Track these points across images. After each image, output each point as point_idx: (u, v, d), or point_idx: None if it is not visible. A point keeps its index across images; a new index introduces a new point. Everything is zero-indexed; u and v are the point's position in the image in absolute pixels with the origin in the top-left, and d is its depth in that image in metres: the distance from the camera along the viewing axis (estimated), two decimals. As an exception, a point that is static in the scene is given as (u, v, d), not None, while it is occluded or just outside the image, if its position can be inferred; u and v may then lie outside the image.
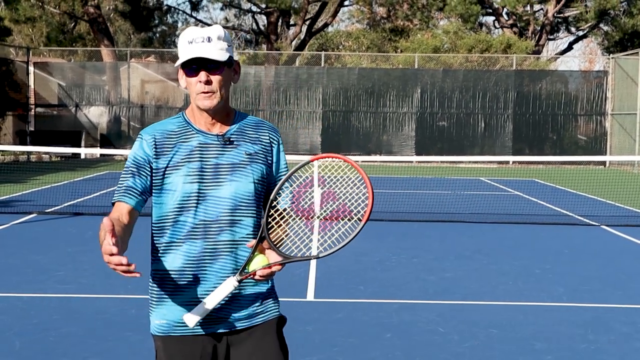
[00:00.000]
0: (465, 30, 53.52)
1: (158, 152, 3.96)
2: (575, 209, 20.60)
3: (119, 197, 3.98)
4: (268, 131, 4.19)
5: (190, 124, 4.05)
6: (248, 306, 4.07)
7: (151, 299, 4.12)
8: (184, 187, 3.93)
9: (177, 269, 3.99)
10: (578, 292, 11.11)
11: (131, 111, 42.10)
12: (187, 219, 3.95)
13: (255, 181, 4.04)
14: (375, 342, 8.37)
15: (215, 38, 3.92)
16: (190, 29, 3.97)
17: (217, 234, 3.96)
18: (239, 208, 4.00)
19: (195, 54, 3.88)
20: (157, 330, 4.07)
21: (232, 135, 4.06)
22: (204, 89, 3.93)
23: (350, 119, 41.48)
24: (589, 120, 41.93)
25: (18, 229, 16.07)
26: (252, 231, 4.04)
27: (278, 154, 4.20)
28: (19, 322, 8.95)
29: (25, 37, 64.95)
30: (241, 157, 4.02)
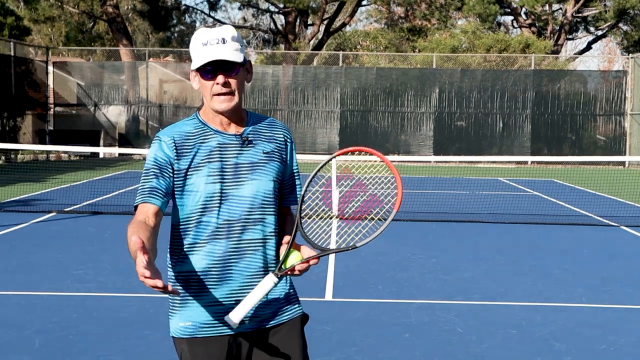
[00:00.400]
0: (484, 29, 53.43)
1: (179, 154, 3.95)
2: (594, 209, 20.53)
3: (142, 198, 3.94)
4: (281, 130, 4.21)
5: (207, 124, 4.04)
6: (274, 304, 4.10)
7: (173, 301, 4.10)
8: (207, 188, 3.93)
9: (202, 269, 3.99)
10: (597, 292, 11.06)
11: (149, 111, 42.20)
12: (211, 219, 3.95)
13: (274, 179, 4.07)
14: (393, 342, 8.36)
15: (229, 39, 3.91)
16: (202, 31, 3.95)
17: (241, 232, 3.97)
18: (261, 206, 4.01)
19: (213, 56, 3.87)
20: (182, 332, 4.05)
21: (249, 134, 4.07)
22: (221, 91, 3.92)
23: (368, 118, 41.46)
24: (608, 120, 41.79)
25: (37, 228, 16.12)
26: (274, 229, 4.07)
27: (291, 152, 4.23)
28: (38, 320, 8.98)
29: (44, 37, 65.24)
30: (259, 156, 4.04)
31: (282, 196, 4.21)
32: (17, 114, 38.91)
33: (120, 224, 16.83)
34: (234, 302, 3.96)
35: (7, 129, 37.88)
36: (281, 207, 4.20)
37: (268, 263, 4.03)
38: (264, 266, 4.01)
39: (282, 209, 4.22)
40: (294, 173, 4.25)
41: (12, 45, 38.74)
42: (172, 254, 4.11)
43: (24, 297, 10.17)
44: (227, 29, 3.95)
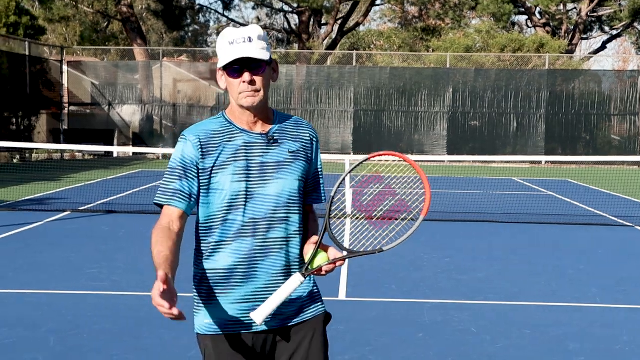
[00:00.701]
0: (498, 29, 53.32)
1: (204, 152, 3.97)
2: (608, 209, 20.49)
3: (167, 200, 4.00)
4: (307, 129, 4.24)
5: (233, 123, 4.06)
6: (297, 302, 4.13)
7: (198, 298, 4.14)
8: (232, 186, 3.96)
9: (228, 267, 4.02)
10: (612, 292, 11.04)
11: (163, 110, 42.27)
12: (237, 218, 3.98)
13: (300, 178, 4.10)
14: (407, 342, 8.36)
15: (255, 38, 3.93)
16: (229, 30, 3.98)
17: (267, 231, 4.00)
18: (287, 205, 4.04)
19: (239, 54, 3.89)
20: (207, 329, 4.09)
21: (274, 133, 4.09)
22: (248, 89, 3.95)
23: (381, 118, 41.45)
24: (622, 120, 41.68)
25: (52, 227, 16.17)
26: (299, 228, 4.10)
27: (316, 151, 4.26)
28: (53, 318, 9.02)
29: (59, 37, 65.42)
30: (285, 155, 4.07)
31: (307, 194, 4.25)
32: (32, 113, 39.07)
33: (134, 223, 16.88)
34: (259, 300, 4.00)
35: (22, 128, 38.04)
36: (304, 205, 4.23)
37: (291, 262, 4.07)
38: (287, 265, 4.05)
39: (305, 206, 4.25)
40: (318, 172, 4.29)
41: (27, 45, 38.90)
42: (197, 252, 4.15)
43: (39, 296, 10.21)
44: (253, 29, 3.98)
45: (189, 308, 4.19)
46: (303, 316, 4.15)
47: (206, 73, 44.94)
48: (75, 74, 43.44)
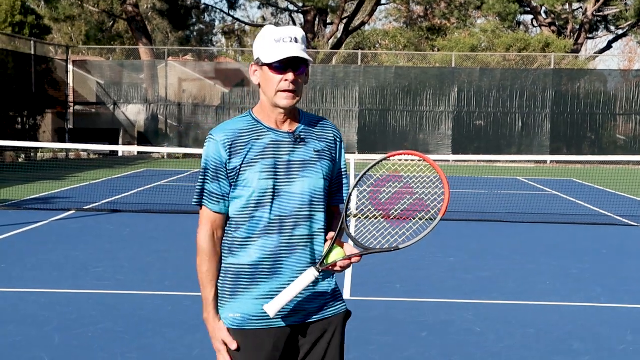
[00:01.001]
0: (503, 29, 53.30)
1: (232, 152, 4.04)
2: (613, 209, 20.49)
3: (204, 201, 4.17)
4: (332, 129, 4.31)
5: (260, 122, 4.13)
6: (320, 299, 4.19)
7: (223, 292, 4.17)
8: (260, 184, 4.02)
9: (253, 263, 4.07)
10: (616, 292, 11.04)
11: (168, 109, 42.30)
12: (264, 215, 4.04)
13: (324, 177, 4.15)
14: (411, 341, 8.38)
15: (300, 39, 4.03)
16: (274, 28, 4.05)
17: (293, 228, 4.06)
18: (312, 203, 4.10)
19: (289, 53, 3.97)
20: (230, 323, 4.13)
21: (301, 132, 4.15)
22: (289, 88, 4.03)
23: (386, 117, 41.46)
24: (628, 119, 41.65)
25: (57, 226, 16.20)
26: (323, 225, 4.16)
27: (340, 151, 4.32)
28: (58, 317, 9.05)
29: (64, 36, 65.55)
30: (311, 154, 4.13)
31: (332, 194, 4.30)
32: (37, 113, 39.14)
33: (139, 222, 16.91)
34: None
35: (27, 127, 38.11)
36: (329, 206, 4.29)
37: (316, 259, 4.12)
38: (312, 262, 4.10)
39: (331, 207, 4.31)
40: (342, 172, 4.34)
41: (33, 44, 38.96)
42: (223, 246, 4.19)
43: (44, 295, 10.23)
44: (298, 30, 4.06)
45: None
46: (324, 313, 4.20)
47: (211, 72, 44.99)
48: (80, 74, 43.50)
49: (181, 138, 41.98)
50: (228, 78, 44.49)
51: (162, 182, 26.52)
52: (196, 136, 41.84)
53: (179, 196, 21.25)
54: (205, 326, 4.19)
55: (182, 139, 41.90)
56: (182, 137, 42.02)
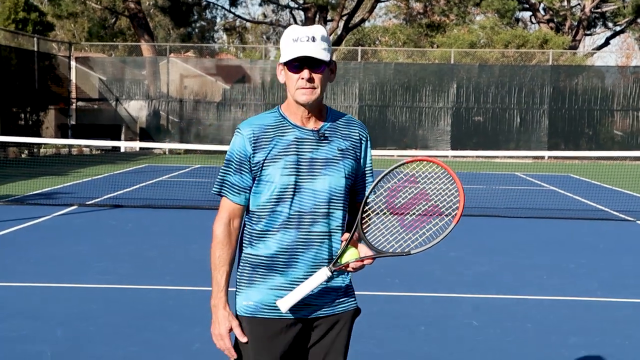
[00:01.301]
0: (502, 25, 53.30)
1: (256, 146, 4.13)
2: (610, 204, 20.54)
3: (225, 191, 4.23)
4: (358, 128, 4.39)
5: (286, 118, 4.21)
6: (332, 294, 4.28)
7: (240, 281, 4.28)
8: (282, 179, 4.10)
9: (270, 255, 4.17)
10: (613, 287, 11.10)
11: (170, 105, 42.33)
12: (284, 210, 4.13)
13: (347, 176, 4.22)
14: (409, 335, 8.45)
15: (319, 38, 4.08)
16: (294, 28, 4.14)
17: (311, 224, 4.14)
18: (332, 201, 4.18)
19: (302, 52, 4.04)
20: (244, 310, 4.23)
21: (326, 130, 4.23)
22: (305, 85, 4.10)
23: (386, 113, 41.50)
24: (625, 115, 41.70)
25: (59, 221, 16.27)
26: (341, 223, 4.24)
27: (366, 150, 4.39)
28: (60, 311, 9.11)
29: (67, 33, 65.56)
30: (334, 153, 4.20)
31: (357, 192, 4.38)
32: (40, 109, 39.15)
33: (141, 217, 16.98)
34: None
35: (30, 123, 38.12)
36: (354, 203, 4.38)
37: (332, 255, 4.19)
38: (328, 258, 4.18)
39: (356, 204, 4.38)
40: (367, 171, 4.42)
41: (36, 41, 38.99)
42: (244, 237, 4.30)
43: (46, 289, 10.31)
44: (317, 29, 4.12)
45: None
46: (335, 309, 4.29)
47: (212, 69, 45.00)
48: (83, 70, 43.52)
49: (182, 134, 41.99)
50: (229, 74, 44.54)
51: (164, 178, 26.56)
52: (197, 132, 41.88)
53: (181, 191, 21.31)
54: (211, 314, 4.27)
55: (184, 134, 41.91)
56: (184, 133, 42.03)
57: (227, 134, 41.05)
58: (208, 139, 41.19)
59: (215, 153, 37.82)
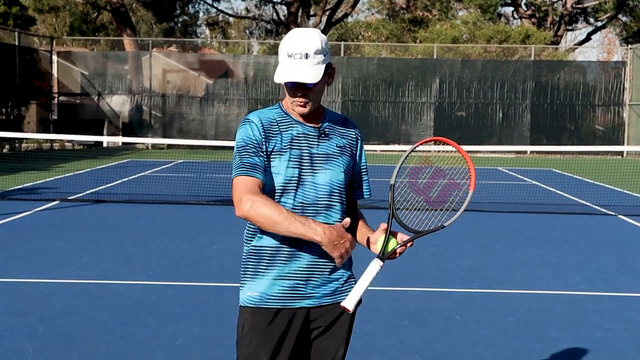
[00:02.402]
0: (484, 20, 53.47)
1: (266, 136, 4.19)
2: (592, 198, 20.62)
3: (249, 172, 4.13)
4: (354, 128, 4.52)
5: (289, 114, 4.30)
6: (334, 283, 4.38)
7: (245, 273, 4.34)
8: (287, 172, 4.19)
9: (275, 245, 4.23)
10: (595, 281, 11.15)
11: (153, 100, 42.26)
12: (287, 201, 4.20)
13: (345, 171, 4.35)
14: (392, 330, 8.46)
15: (312, 53, 4.10)
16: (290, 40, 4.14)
17: (313, 216, 4.20)
18: (332, 194, 4.29)
19: (293, 77, 4.08)
20: (248, 301, 4.28)
21: (325, 128, 4.35)
22: (300, 103, 4.20)
23: (369, 108, 41.55)
24: (606, 110, 41.87)
25: (41, 216, 16.22)
26: (341, 216, 4.33)
27: (361, 149, 4.52)
28: (41, 307, 9.08)
29: (48, 27, 65.32)
30: (333, 149, 4.33)
31: (353, 189, 4.51)
32: (22, 103, 39.01)
33: (123, 212, 16.95)
34: (300, 279, 4.26)
35: (12, 118, 37.97)
36: (350, 200, 4.51)
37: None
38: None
39: (351, 201, 4.53)
40: (362, 169, 4.54)
41: (17, 35, 38.82)
42: (249, 228, 4.35)
43: (27, 284, 10.28)
44: (312, 42, 4.13)
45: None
46: (337, 298, 4.37)
47: (195, 63, 44.91)
48: (64, 64, 43.36)
49: (165, 129, 41.94)
50: (212, 69, 44.46)
51: (147, 173, 26.52)
52: (180, 127, 41.83)
53: (163, 186, 21.28)
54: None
55: (167, 129, 41.85)
56: (167, 127, 41.98)
57: (210, 128, 41.05)
58: (191, 133, 41.18)
59: (198, 148, 37.82)
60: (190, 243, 13.39)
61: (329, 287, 4.35)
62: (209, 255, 12.30)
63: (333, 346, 4.42)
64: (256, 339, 4.26)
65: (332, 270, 4.33)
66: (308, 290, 4.27)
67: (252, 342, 4.27)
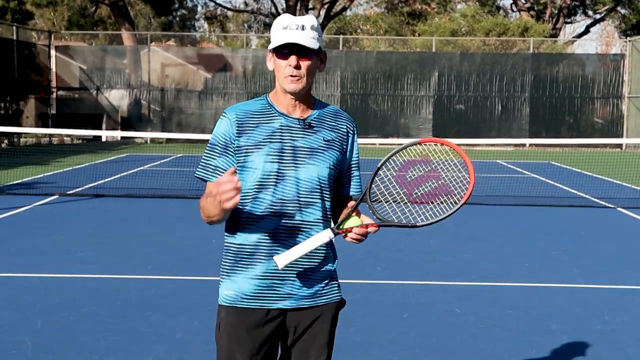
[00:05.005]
0: (483, 13, 53.46)
1: (240, 131, 4.10)
2: (591, 191, 20.62)
3: (208, 176, 4.14)
4: (346, 121, 4.36)
5: (273, 106, 4.19)
6: (314, 285, 4.24)
7: (223, 270, 4.26)
8: (265, 166, 4.08)
9: (252, 243, 4.14)
10: (594, 273, 11.16)
11: (151, 94, 42.22)
12: (266, 197, 4.09)
13: (331, 167, 4.20)
14: (392, 323, 8.46)
15: (308, 27, 4.06)
16: (285, 16, 4.10)
17: (294, 213, 4.11)
18: (315, 190, 4.16)
19: (290, 39, 4.01)
20: (225, 300, 4.21)
21: (312, 120, 4.21)
22: (292, 73, 4.06)
23: (368, 102, 41.52)
24: (605, 103, 41.85)
25: (40, 211, 16.22)
26: (325, 214, 4.22)
27: (352, 143, 4.37)
28: (40, 301, 9.09)
29: (47, 21, 65.29)
30: (319, 143, 4.18)
31: (341, 185, 4.37)
32: (20, 98, 38.99)
33: (122, 206, 16.94)
34: (278, 279, 4.15)
35: (10, 112, 37.95)
36: (338, 195, 4.36)
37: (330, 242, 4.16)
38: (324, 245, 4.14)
39: (340, 197, 4.37)
40: (353, 164, 4.40)
41: (15, 30, 38.79)
42: (227, 225, 4.25)
43: (27, 279, 10.28)
44: (308, 18, 4.10)
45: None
46: (318, 300, 4.25)
47: (194, 57, 44.88)
48: (63, 59, 43.33)
49: (164, 123, 41.90)
50: (211, 63, 44.43)
51: (145, 167, 26.52)
52: (179, 121, 41.81)
53: (162, 181, 21.27)
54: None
55: (165, 123, 41.82)
56: (165, 122, 41.95)
57: (209, 122, 40.99)
58: (190, 127, 41.15)
59: (197, 142, 37.77)
60: (190, 237, 13.38)
61: (309, 289, 4.22)
62: (208, 249, 12.29)
63: (314, 352, 4.27)
64: (232, 339, 4.18)
65: (312, 270, 4.22)
66: (286, 290, 4.16)
67: (228, 343, 4.19)
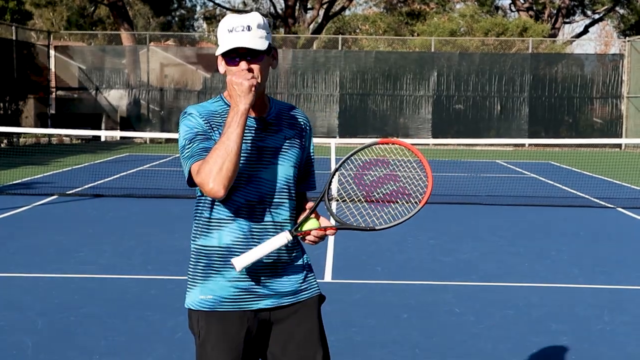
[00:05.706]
0: (482, 13, 53.48)
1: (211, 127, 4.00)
2: (590, 191, 20.62)
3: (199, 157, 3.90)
4: (302, 117, 4.28)
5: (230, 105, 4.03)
6: (293, 282, 4.17)
7: (195, 274, 4.14)
8: None
9: (225, 246, 4.04)
10: (594, 273, 11.17)
11: (150, 94, 42.22)
12: (236, 199, 3.99)
13: (294, 165, 4.14)
14: (392, 323, 8.46)
15: (254, 26, 3.93)
16: (229, 17, 3.98)
17: (263, 213, 4.04)
18: (282, 190, 4.09)
19: (236, 43, 3.89)
20: (201, 305, 4.07)
21: (271, 119, 4.13)
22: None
23: (367, 102, 41.52)
24: (604, 103, 41.88)
25: (39, 211, 16.21)
26: (293, 213, 4.16)
27: (309, 139, 4.31)
28: (40, 301, 9.09)
29: (46, 21, 65.22)
30: (281, 142, 4.10)
31: (300, 180, 4.27)
32: (19, 98, 38.95)
33: (121, 206, 16.93)
34: (255, 279, 4.06)
35: (10, 112, 37.92)
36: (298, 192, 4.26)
37: (287, 244, 4.06)
38: (284, 247, 4.06)
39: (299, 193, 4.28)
40: (311, 159, 4.34)
41: (14, 30, 38.76)
42: (196, 227, 4.17)
43: (26, 279, 10.29)
44: (253, 17, 3.97)
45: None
46: (298, 297, 4.17)
47: (193, 57, 44.90)
48: (62, 59, 43.33)
49: (163, 123, 41.91)
50: (210, 63, 44.38)
51: (145, 167, 26.51)
52: (178, 121, 41.72)
53: (161, 180, 21.26)
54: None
55: (165, 123, 41.82)
56: (164, 121, 41.95)
57: (207, 122, 40.91)
58: (189, 127, 41.06)
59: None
60: (189, 237, 13.34)
61: (287, 285, 4.14)
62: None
63: (310, 351, 4.18)
64: (215, 345, 4.05)
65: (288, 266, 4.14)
66: (265, 290, 4.08)
67: (212, 350, 4.06)
